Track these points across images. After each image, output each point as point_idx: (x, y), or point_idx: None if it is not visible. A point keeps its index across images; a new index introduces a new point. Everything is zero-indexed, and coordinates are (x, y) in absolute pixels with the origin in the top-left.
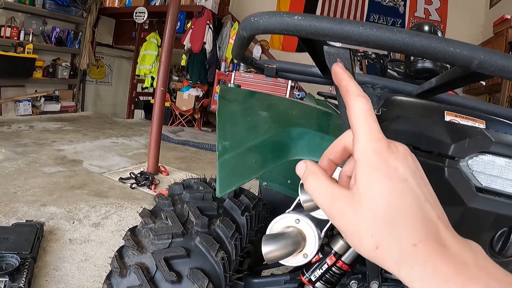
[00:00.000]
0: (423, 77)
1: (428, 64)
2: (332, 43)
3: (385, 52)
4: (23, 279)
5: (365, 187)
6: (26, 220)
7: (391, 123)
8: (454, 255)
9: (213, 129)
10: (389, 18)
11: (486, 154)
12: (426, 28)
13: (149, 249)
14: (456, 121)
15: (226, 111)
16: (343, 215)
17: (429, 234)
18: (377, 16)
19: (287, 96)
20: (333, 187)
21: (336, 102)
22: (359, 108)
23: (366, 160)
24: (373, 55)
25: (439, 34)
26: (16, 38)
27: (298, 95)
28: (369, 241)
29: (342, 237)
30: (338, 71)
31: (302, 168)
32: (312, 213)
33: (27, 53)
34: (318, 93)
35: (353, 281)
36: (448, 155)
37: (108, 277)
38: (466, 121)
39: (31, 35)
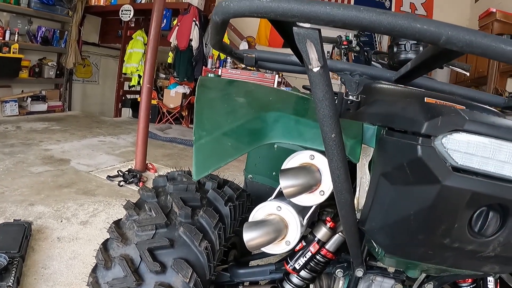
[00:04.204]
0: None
1: (411, 55)
2: (301, 24)
3: (374, 34)
4: (12, 278)
5: None
6: (14, 220)
7: (367, 108)
8: None
9: None
10: None
11: (460, 132)
12: None
13: (133, 241)
14: None
15: (203, 99)
16: None
17: None
18: None
19: None
20: None
21: None
22: None
23: None
24: (357, 48)
25: None
26: (1, 38)
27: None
28: None
29: (325, 224)
30: None
31: None
32: (294, 200)
33: (13, 53)
34: (303, 87)
35: (338, 270)
36: (421, 133)
37: (94, 270)
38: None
39: (16, 35)
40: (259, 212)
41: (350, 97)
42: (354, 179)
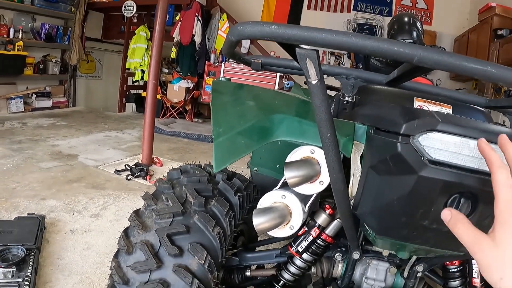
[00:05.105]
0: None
1: None
2: (302, 46)
3: (375, 28)
4: (30, 268)
5: (500, 237)
6: (28, 214)
7: (360, 109)
8: None
9: (204, 120)
10: (376, 7)
11: (434, 132)
12: (406, 19)
13: (152, 228)
14: (424, 106)
15: (218, 102)
16: (482, 252)
17: None
18: (364, 4)
19: (277, 84)
20: (476, 231)
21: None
22: (500, 178)
23: (503, 218)
24: None
25: (418, 24)
26: (5, 36)
27: (287, 84)
28: (496, 274)
29: (325, 211)
30: (484, 147)
31: (448, 215)
32: (297, 189)
33: (17, 50)
34: (305, 82)
35: (337, 253)
36: (401, 133)
37: (116, 255)
38: (434, 106)
39: (20, 32)
40: (266, 200)
41: (346, 98)
42: (349, 171)
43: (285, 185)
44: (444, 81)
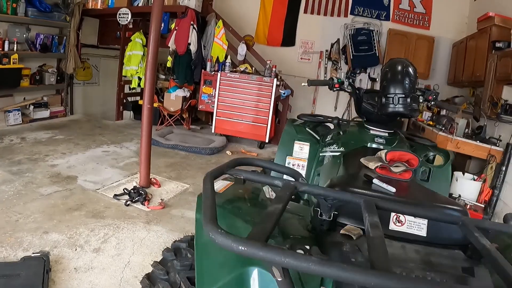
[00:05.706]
0: (394, 118)
1: (399, 107)
2: None
3: (372, 33)
4: None
5: None
6: (33, 253)
7: (331, 245)
8: None
9: (202, 126)
10: (373, 11)
11: None
12: (399, 68)
13: None
14: (401, 216)
15: (201, 244)
16: None
17: None
18: (362, 8)
19: (273, 92)
20: None
21: (316, 118)
22: None
23: None
24: (349, 88)
25: (411, 70)
26: (0, 49)
27: (284, 93)
28: None
29: None
30: None
31: None
32: None
33: (13, 63)
34: (298, 117)
35: None
36: None
37: None
38: (411, 218)
39: (15, 44)
40: None
41: (324, 217)
42: None
43: None
44: (441, 86)
